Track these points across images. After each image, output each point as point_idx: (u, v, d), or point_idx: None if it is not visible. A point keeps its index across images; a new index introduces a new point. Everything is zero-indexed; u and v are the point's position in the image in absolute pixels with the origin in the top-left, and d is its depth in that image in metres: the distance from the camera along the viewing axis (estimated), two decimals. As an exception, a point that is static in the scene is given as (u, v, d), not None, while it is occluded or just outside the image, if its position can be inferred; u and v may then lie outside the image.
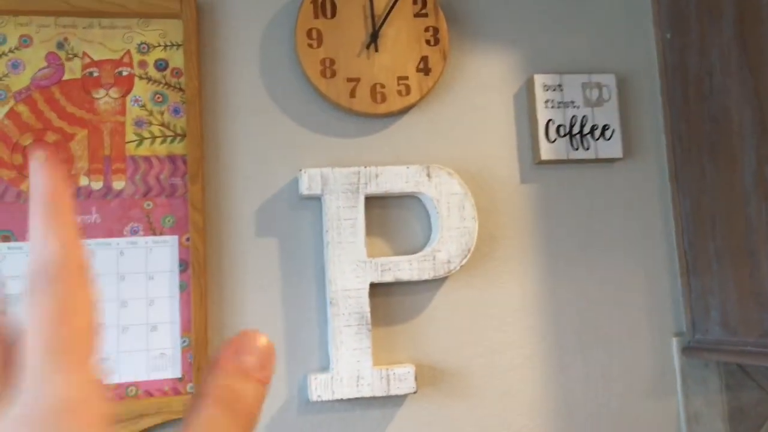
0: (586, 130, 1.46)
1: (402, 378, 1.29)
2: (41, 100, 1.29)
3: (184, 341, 1.28)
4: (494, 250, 1.43)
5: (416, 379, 1.31)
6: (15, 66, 1.29)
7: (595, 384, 1.43)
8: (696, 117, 1.41)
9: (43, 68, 1.30)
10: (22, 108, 1.28)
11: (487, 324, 1.40)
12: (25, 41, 1.30)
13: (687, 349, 1.44)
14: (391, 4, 1.41)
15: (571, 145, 1.45)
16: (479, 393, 1.38)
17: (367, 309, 1.30)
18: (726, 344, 1.35)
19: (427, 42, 1.42)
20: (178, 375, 1.27)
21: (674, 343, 1.46)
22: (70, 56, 1.31)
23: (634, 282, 1.47)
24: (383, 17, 1.40)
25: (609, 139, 1.47)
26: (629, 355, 1.45)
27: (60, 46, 1.31)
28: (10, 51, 1.29)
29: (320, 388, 1.27)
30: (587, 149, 1.45)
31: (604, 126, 1.47)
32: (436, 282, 1.39)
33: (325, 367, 1.33)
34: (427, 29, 1.42)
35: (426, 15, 1.42)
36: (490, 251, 1.42)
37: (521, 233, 1.44)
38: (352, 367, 1.28)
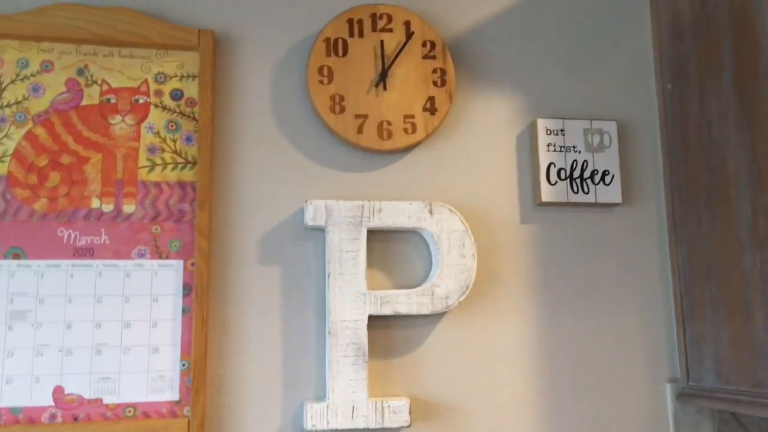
0: (587, 174, 1.49)
1: (396, 411, 1.30)
2: (59, 123, 1.33)
3: (183, 364, 1.30)
4: (492, 289, 1.45)
5: (410, 412, 1.32)
6: (35, 90, 1.34)
7: (589, 427, 1.44)
8: (694, 166, 1.45)
9: (63, 93, 1.34)
10: (39, 130, 1.32)
11: (483, 361, 1.42)
12: (47, 66, 1.35)
13: (681, 396, 1.45)
14: (400, 46, 1.46)
15: (572, 188, 1.48)
16: (473, 429, 1.39)
17: (365, 340, 1.32)
18: (720, 392, 1.36)
19: (434, 83, 1.46)
20: (176, 398, 1.28)
21: (668, 389, 1.47)
22: (90, 83, 1.36)
23: (630, 326, 1.49)
24: (393, 58, 1.45)
25: (609, 184, 1.50)
26: (623, 399, 1.46)
27: (80, 72, 1.36)
28: (32, 75, 1.34)
29: (315, 417, 1.28)
30: (587, 193, 1.49)
31: (605, 171, 1.50)
32: (434, 317, 1.42)
33: (321, 397, 1.35)
34: (434, 71, 1.47)
35: (434, 57, 1.47)
36: (489, 289, 1.45)
37: (520, 273, 1.47)
38: (347, 397, 1.30)
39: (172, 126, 1.37)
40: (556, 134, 1.50)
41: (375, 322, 1.37)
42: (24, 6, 1.37)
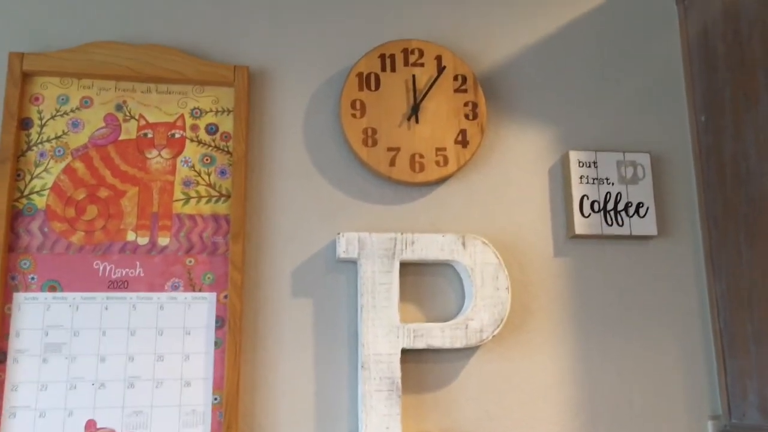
0: (621, 206, 1.48)
1: (431, 447, 1.28)
2: (97, 157, 1.35)
3: (215, 398, 1.29)
4: (527, 322, 1.43)
5: (445, 449, 1.30)
6: (75, 125, 1.36)
7: (628, 465, 1.39)
8: (732, 198, 1.43)
9: (101, 128, 1.37)
10: (78, 164, 1.35)
11: (518, 397, 1.39)
12: (86, 102, 1.38)
13: (723, 434, 1.41)
14: (432, 80, 1.47)
15: (606, 221, 1.47)
16: (508, 468, 1.36)
17: (398, 374, 1.30)
18: (764, 429, 1.31)
19: (466, 116, 1.47)
20: (208, 432, 1.27)
21: (710, 427, 1.43)
22: (127, 118, 1.38)
23: (668, 362, 1.46)
24: (424, 91, 1.46)
25: (643, 216, 1.48)
26: (663, 436, 1.42)
27: (118, 108, 1.38)
28: (72, 111, 1.37)
29: (348, 454, 1.26)
30: (621, 225, 1.47)
31: (639, 203, 1.48)
32: (468, 351, 1.39)
33: (353, 432, 1.33)
34: (466, 104, 1.47)
35: (466, 91, 1.48)
36: (523, 323, 1.43)
37: (554, 306, 1.45)
38: (381, 433, 1.27)
39: (207, 160, 1.39)
40: (589, 166, 1.49)
41: (408, 355, 1.36)
42: (65, 44, 1.40)
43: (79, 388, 1.26)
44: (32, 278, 1.29)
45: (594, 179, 1.49)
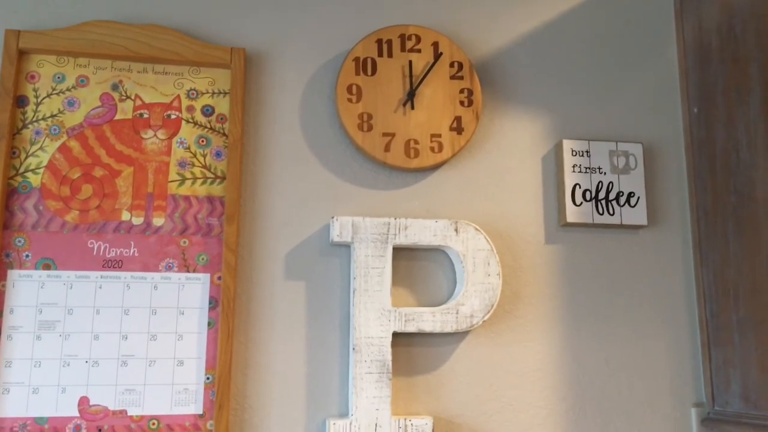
0: (612, 196, 1.50)
1: (420, 429, 1.30)
2: (92, 137, 1.36)
3: (207, 378, 1.30)
4: (517, 308, 1.45)
5: (434, 431, 1.31)
6: (71, 104, 1.36)
7: (612, 450, 1.42)
8: (721, 189, 1.44)
9: (97, 107, 1.37)
10: (73, 143, 1.35)
11: (507, 381, 1.41)
12: (83, 81, 1.38)
13: (706, 421, 1.44)
14: (429, 66, 1.47)
15: (597, 210, 1.48)
16: (495, 450, 1.38)
17: (389, 357, 1.32)
18: (746, 417, 1.34)
19: (461, 103, 1.48)
20: (200, 411, 1.29)
21: (693, 414, 1.46)
22: (123, 98, 1.38)
23: (655, 349, 1.48)
24: (421, 78, 1.46)
25: (634, 206, 1.50)
26: (648, 422, 1.44)
27: (114, 87, 1.38)
28: (68, 89, 1.37)
29: (338, 434, 1.28)
30: (612, 215, 1.49)
31: (630, 193, 1.50)
32: (458, 336, 1.41)
33: (344, 413, 1.35)
34: (462, 91, 1.48)
35: (462, 78, 1.49)
36: (513, 309, 1.45)
37: (544, 293, 1.47)
38: (371, 414, 1.29)
39: (202, 141, 1.39)
40: (582, 155, 1.50)
41: (399, 339, 1.38)
42: (62, 23, 1.40)
43: (73, 366, 1.27)
44: (27, 256, 1.29)
45: (586, 168, 1.50)
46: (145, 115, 1.38)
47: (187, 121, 1.39)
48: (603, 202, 1.49)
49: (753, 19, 1.38)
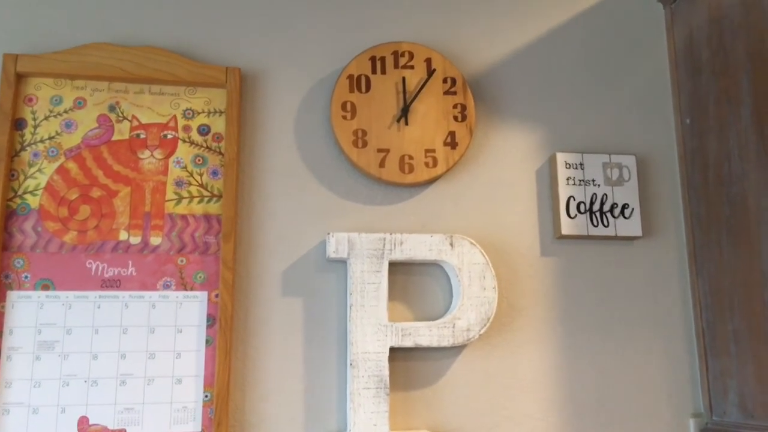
0: (606, 208, 1.50)
1: (418, 444, 1.30)
2: (90, 158, 1.37)
3: (206, 395, 1.31)
4: (513, 321, 1.45)
5: (432, 445, 1.32)
6: (68, 125, 1.38)
7: (612, 462, 1.42)
8: (715, 200, 1.45)
9: (94, 129, 1.39)
10: (71, 165, 1.36)
11: (505, 393, 1.42)
12: (80, 103, 1.39)
13: (705, 431, 1.44)
14: (422, 82, 1.49)
15: (591, 222, 1.49)
16: (494, 464, 1.38)
17: (386, 372, 1.33)
18: (744, 427, 1.34)
19: (455, 118, 1.49)
20: (199, 429, 1.29)
21: (691, 424, 1.46)
22: (120, 118, 1.40)
23: (652, 360, 1.49)
24: (414, 94, 1.48)
25: (628, 217, 1.51)
26: (646, 433, 1.45)
27: (111, 108, 1.40)
28: (65, 111, 1.39)
29: (336, 450, 1.28)
30: (607, 226, 1.50)
31: (624, 205, 1.51)
32: (455, 349, 1.42)
33: (342, 429, 1.35)
34: (455, 106, 1.50)
35: (455, 93, 1.50)
36: (510, 321, 1.45)
37: (540, 305, 1.47)
38: (369, 429, 1.30)
39: (198, 160, 1.41)
40: (576, 168, 1.52)
41: (396, 354, 1.38)
42: (59, 46, 1.42)
43: (72, 386, 1.28)
44: (25, 277, 1.31)
45: (580, 181, 1.51)
46: (142, 136, 1.40)
47: (184, 141, 1.41)
48: (597, 214, 1.50)
49: (742, 30, 1.39)
